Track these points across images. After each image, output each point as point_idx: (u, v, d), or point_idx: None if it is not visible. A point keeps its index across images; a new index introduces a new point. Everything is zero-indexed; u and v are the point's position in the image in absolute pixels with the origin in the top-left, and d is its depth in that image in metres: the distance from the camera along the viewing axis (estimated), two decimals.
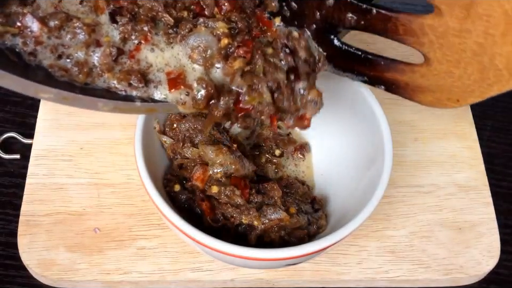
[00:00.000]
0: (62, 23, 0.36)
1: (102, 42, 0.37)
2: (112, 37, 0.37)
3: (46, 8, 0.37)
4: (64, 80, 0.35)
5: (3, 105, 0.57)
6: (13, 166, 0.53)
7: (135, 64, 0.37)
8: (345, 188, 0.48)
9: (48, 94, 0.33)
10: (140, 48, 0.38)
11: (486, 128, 0.60)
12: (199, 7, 0.40)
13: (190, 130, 0.45)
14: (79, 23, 0.36)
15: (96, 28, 0.37)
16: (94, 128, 0.54)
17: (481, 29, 0.32)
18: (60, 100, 0.33)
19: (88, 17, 0.37)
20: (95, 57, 0.36)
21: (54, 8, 0.37)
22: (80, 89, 0.35)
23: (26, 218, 0.48)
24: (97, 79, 0.36)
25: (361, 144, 0.48)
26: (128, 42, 0.38)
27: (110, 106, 0.35)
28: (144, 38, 0.37)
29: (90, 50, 0.36)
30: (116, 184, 0.51)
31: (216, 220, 0.43)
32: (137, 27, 0.38)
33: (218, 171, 0.43)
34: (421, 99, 0.39)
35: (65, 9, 0.37)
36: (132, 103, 0.37)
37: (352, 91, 0.46)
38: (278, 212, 0.42)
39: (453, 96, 0.37)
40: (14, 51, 0.34)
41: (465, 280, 0.49)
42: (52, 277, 0.45)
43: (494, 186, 0.54)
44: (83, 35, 0.36)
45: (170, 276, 0.46)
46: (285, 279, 0.47)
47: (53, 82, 0.34)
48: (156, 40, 0.38)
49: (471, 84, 0.34)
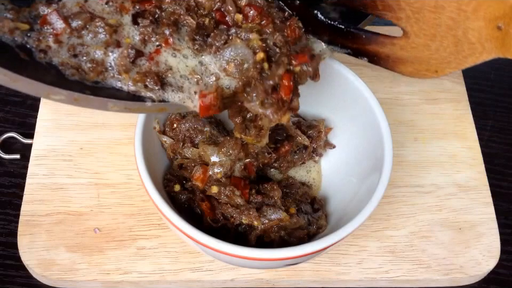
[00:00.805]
0: (85, 23, 0.37)
1: (122, 43, 0.37)
2: (132, 38, 0.37)
3: (71, 7, 0.37)
4: (74, 79, 0.35)
5: (3, 105, 0.57)
6: (13, 166, 0.53)
7: (154, 66, 0.37)
8: (345, 188, 0.48)
9: (59, 95, 0.33)
10: (160, 51, 0.37)
11: (486, 128, 0.60)
12: (219, 13, 0.40)
13: (190, 130, 0.45)
14: (102, 23, 0.36)
15: (118, 29, 0.37)
16: (94, 128, 0.54)
17: (454, 5, 0.34)
18: (70, 101, 0.34)
19: (113, 18, 0.38)
20: (112, 57, 0.36)
21: (80, 8, 0.37)
22: (91, 89, 0.35)
23: (26, 218, 0.48)
24: (109, 78, 0.36)
25: (361, 144, 0.48)
26: (148, 44, 0.38)
27: (120, 106, 0.35)
28: (165, 41, 0.37)
29: (109, 50, 0.36)
30: (115, 184, 0.51)
31: (216, 220, 0.43)
32: (158, 30, 0.38)
33: (218, 171, 0.43)
34: (401, 70, 0.41)
35: (91, 9, 0.37)
36: (142, 103, 0.37)
37: (353, 91, 0.46)
38: (277, 212, 0.42)
39: (431, 67, 0.38)
40: (24, 48, 0.34)
41: (465, 280, 0.49)
42: (51, 277, 0.45)
43: (494, 186, 0.54)
44: (104, 35, 0.36)
45: (170, 276, 0.46)
46: (285, 279, 0.47)
47: (62, 81, 0.34)
48: (178, 45, 0.38)
49: (447, 56, 0.36)
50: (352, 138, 0.49)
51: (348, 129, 0.49)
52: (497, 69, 0.66)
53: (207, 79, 0.38)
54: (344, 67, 0.46)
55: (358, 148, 0.48)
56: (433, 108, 0.58)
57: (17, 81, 0.31)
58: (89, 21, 0.37)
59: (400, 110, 0.57)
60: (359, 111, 0.47)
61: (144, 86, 0.36)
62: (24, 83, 0.31)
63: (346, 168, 0.49)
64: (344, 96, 0.47)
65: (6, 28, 0.34)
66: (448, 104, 0.58)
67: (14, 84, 0.31)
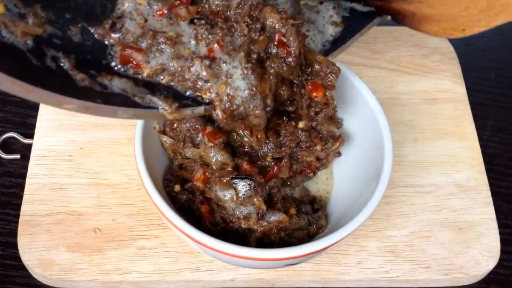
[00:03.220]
0: (152, 41, 0.38)
1: (184, 54, 0.38)
2: (188, 44, 0.39)
3: (134, 31, 0.39)
4: (84, 85, 0.35)
5: (3, 105, 0.57)
6: (13, 166, 0.53)
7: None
8: (345, 188, 0.48)
9: (72, 105, 0.33)
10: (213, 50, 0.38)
11: (486, 128, 0.60)
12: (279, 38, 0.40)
13: (190, 130, 0.45)
14: (163, 39, 0.38)
15: (177, 40, 0.39)
16: (94, 128, 0.54)
17: None
18: (82, 110, 0.34)
19: (171, 30, 0.39)
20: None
21: (141, 29, 0.39)
22: (100, 96, 0.35)
23: (26, 218, 0.48)
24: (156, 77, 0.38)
25: (361, 144, 0.48)
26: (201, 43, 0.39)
27: (128, 113, 0.36)
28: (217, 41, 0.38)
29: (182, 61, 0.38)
30: (115, 184, 0.51)
31: (215, 223, 0.43)
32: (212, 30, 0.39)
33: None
34: (427, 28, 0.39)
35: (152, 27, 0.39)
36: (150, 110, 0.37)
37: (353, 91, 0.46)
38: (277, 214, 0.42)
39: (458, 26, 0.37)
40: (35, 52, 0.34)
41: (465, 280, 0.49)
42: (51, 277, 0.45)
43: (494, 186, 0.54)
44: (169, 49, 0.38)
45: (170, 276, 0.46)
46: (285, 279, 0.47)
47: (72, 86, 0.35)
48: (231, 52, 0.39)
49: (477, 13, 0.34)
50: (351, 139, 0.49)
51: (347, 129, 0.49)
52: (497, 68, 0.66)
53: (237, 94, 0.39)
54: (344, 67, 0.46)
55: (357, 148, 0.48)
56: (433, 107, 0.58)
57: (32, 92, 0.31)
58: (154, 38, 0.38)
59: (399, 110, 0.57)
60: (359, 111, 0.47)
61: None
62: (38, 94, 0.31)
63: (346, 168, 0.49)
64: (344, 96, 0.47)
65: (19, 31, 0.34)
66: (448, 104, 0.58)
67: (28, 95, 0.31)
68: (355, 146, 0.49)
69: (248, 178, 0.41)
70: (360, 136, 0.48)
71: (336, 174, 0.50)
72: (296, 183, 0.48)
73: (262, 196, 0.41)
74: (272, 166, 0.43)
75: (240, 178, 0.41)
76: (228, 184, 0.41)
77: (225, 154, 0.43)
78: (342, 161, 0.50)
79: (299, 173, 0.46)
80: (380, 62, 0.61)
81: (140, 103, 0.37)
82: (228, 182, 0.41)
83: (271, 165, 0.44)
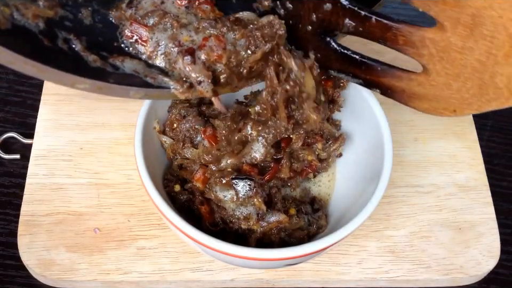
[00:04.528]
0: (160, 20, 0.39)
1: (182, 42, 0.39)
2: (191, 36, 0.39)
3: (146, 7, 0.40)
4: (96, 66, 0.36)
5: (3, 105, 0.57)
6: (13, 166, 0.53)
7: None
8: (345, 188, 0.48)
9: (84, 84, 0.34)
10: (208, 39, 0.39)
11: (486, 128, 0.60)
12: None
13: (190, 131, 0.45)
14: (171, 20, 0.39)
15: (183, 24, 0.39)
16: (94, 128, 0.54)
17: (484, 48, 0.32)
18: (94, 90, 0.34)
19: (186, 18, 0.40)
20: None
21: (154, 7, 0.39)
22: (112, 76, 0.36)
23: (26, 218, 0.48)
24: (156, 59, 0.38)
25: (361, 144, 0.48)
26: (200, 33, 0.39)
27: (140, 93, 0.37)
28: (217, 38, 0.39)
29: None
30: (115, 184, 0.50)
31: (215, 224, 0.43)
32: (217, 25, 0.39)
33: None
34: (416, 105, 0.39)
35: (167, 10, 0.40)
36: (161, 90, 0.37)
37: (352, 91, 0.46)
38: (276, 214, 0.42)
39: (450, 106, 0.36)
40: (47, 34, 0.35)
41: (465, 280, 0.49)
42: (51, 277, 0.45)
43: (494, 186, 0.54)
44: (170, 30, 0.39)
45: (170, 276, 0.46)
46: (285, 279, 0.47)
47: (84, 67, 0.35)
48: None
49: (469, 97, 0.34)
50: (351, 139, 0.49)
51: (347, 129, 0.49)
52: None
53: None
54: None
55: (357, 148, 0.48)
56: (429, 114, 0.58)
57: (45, 72, 0.32)
58: (163, 17, 0.39)
59: (400, 110, 0.57)
60: (359, 111, 0.47)
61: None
62: (51, 74, 0.32)
63: (346, 168, 0.49)
64: (343, 96, 0.47)
65: (30, 13, 0.34)
66: None
67: (41, 74, 0.32)
68: (355, 146, 0.49)
69: (248, 179, 0.41)
70: (360, 136, 0.48)
71: (336, 173, 0.50)
72: (296, 184, 0.48)
73: (262, 196, 0.41)
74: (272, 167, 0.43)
75: (240, 179, 0.41)
76: (228, 184, 0.41)
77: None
78: (342, 161, 0.50)
79: (299, 173, 0.46)
80: None
81: (152, 83, 0.37)
82: (228, 182, 0.41)
83: (271, 165, 0.44)
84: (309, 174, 0.47)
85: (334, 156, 0.48)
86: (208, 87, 0.38)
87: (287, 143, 0.43)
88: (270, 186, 0.44)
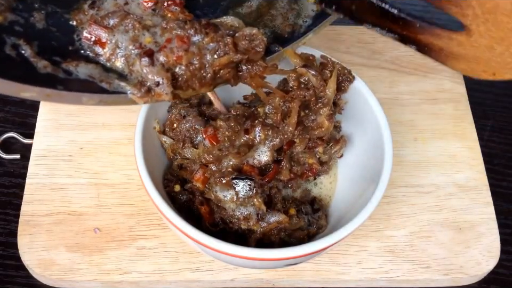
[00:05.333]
0: (121, 20, 0.37)
1: (143, 43, 0.37)
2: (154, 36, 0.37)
3: (108, 8, 0.38)
4: (45, 72, 0.34)
5: (3, 105, 0.57)
6: (13, 166, 0.53)
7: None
8: (345, 188, 0.48)
9: (30, 92, 0.32)
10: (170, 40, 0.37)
11: (486, 128, 0.60)
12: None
13: (190, 131, 0.45)
14: (133, 21, 0.37)
15: (146, 26, 0.37)
16: (94, 128, 0.54)
17: None
18: (43, 98, 0.33)
19: (151, 20, 0.38)
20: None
21: (116, 8, 0.38)
22: (63, 83, 0.34)
23: (26, 218, 0.48)
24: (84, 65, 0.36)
25: (361, 144, 0.48)
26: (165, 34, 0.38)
27: (95, 99, 0.35)
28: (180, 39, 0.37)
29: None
30: (116, 184, 0.50)
31: (215, 224, 0.43)
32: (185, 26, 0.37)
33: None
34: (454, 65, 0.37)
35: (130, 11, 0.38)
36: (118, 95, 0.36)
37: (352, 91, 0.46)
38: (276, 215, 0.42)
39: (489, 69, 0.35)
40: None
41: (465, 280, 0.49)
42: (51, 277, 0.45)
43: (494, 186, 0.54)
44: (132, 32, 0.37)
45: (170, 276, 0.46)
46: (285, 279, 0.47)
47: (34, 74, 0.33)
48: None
49: (511, 61, 0.33)
50: (351, 139, 0.49)
51: (347, 129, 0.49)
52: None
53: None
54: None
55: (357, 149, 0.48)
56: (433, 108, 0.58)
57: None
58: (124, 19, 0.37)
59: (400, 110, 0.57)
60: (359, 111, 0.47)
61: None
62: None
63: (345, 168, 0.49)
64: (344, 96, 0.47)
65: None
66: (448, 104, 0.58)
67: None
68: (355, 147, 0.49)
69: (248, 179, 0.41)
70: (360, 136, 0.48)
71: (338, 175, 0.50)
72: (297, 186, 0.48)
73: (262, 197, 0.41)
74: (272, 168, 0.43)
75: (240, 179, 0.41)
76: (228, 184, 0.41)
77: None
78: (342, 162, 0.50)
79: (300, 176, 0.45)
80: (380, 62, 0.61)
81: (107, 88, 0.35)
82: (228, 182, 0.41)
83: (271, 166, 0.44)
84: (309, 178, 0.47)
85: (335, 158, 0.48)
86: (167, 89, 0.36)
87: (289, 145, 0.43)
88: (270, 186, 0.44)
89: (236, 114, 0.43)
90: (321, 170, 0.47)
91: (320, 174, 0.49)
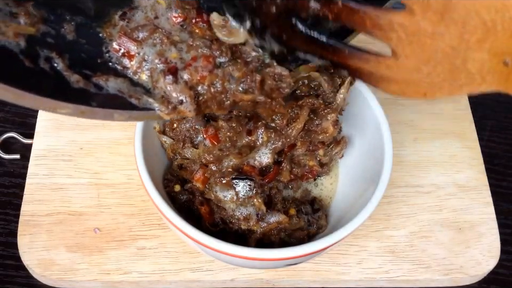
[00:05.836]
0: (150, 34, 0.37)
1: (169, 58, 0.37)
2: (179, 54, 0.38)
3: (138, 21, 0.38)
4: (78, 87, 0.34)
5: (3, 105, 0.57)
6: (13, 166, 0.53)
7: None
8: (344, 188, 0.48)
9: (66, 109, 0.32)
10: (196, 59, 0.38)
11: (486, 128, 0.60)
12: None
13: (190, 131, 0.45)
14: (161, 35, 0.37)
15: (175, 42, 0.38)
16: (94, 128, 0.54)
17: (456, 34, 0.31)
18: (77, 114, 0.33)
19: (179, 36, 0.38)
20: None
21: (147, 21, 0.38)
22: (95, 98, 0.34)
23: (26, 218, 0.48)
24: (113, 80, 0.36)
25: (361, 144, 0.48)
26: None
27: (125, 116, 0.35)
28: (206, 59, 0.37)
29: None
30: (116, 184, 0.51)
31: (215, 224, 0.43)
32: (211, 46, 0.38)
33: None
34: (385, 88, 0.37)
35: (159, 26, 0.38)
36: (146, 111, 0.36)
37: (353, 92, 0.46)
38: (276, 215, 0.42)
39: (420, 89, 0.35)
40: (29, 54, 0.33)
41: (465, 280, 0.49)
42: (51, 277, 0.45)
43: (494, 186, 0.54)
44: (160, 46, 0.37)
45: (171, 276, 0.46)
46: (285, 279, 0.47)
47: (67, 88, 0.34)
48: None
49: (440, 81, 0.34)
50: (351, 139, 0.49)
51: (347, 129, 0.49)
52: None
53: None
54: None
55: (357, 149, 0.48)
56: (433, 107, 0.58)
57: (24, 98, 0.30)
58: (154, 33, 0.37)
59: (400, 110, 0.57)
60: (359, 111, 0.47)
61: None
62: (30, 100, 0.30)
63: (345, 168, 0.49)
64: None
65: (11, 31, 0.32)
66: (448, 104, 0.58)
67: (20, 101, 0.30)
68: (355, 147, 0.49)
69: (249, 179, 0.41)
70: (360, 136, 0.48)
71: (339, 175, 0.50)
72: (297, 186, 0.48)
73: (262, 197, 0.41)
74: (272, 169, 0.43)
75: (240, 179, 0.41)
76: (228, 184, 0.41)
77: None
78: (342, 162, 0.50)
79: (300, 177, 0.45)
80: None
81: (137, 104, 0.36)
82: (228, 182, 0.41)
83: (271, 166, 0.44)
84: (309, 179, 0.47)
85: (335, 159, 0.48)
86: (190, 106, 0.37)
87: (291, 148, 0.43)
88: (270, 187, 0.44)
89: (238, 114, 0.43)
90: (322, 171, 0.47)
91: (321, 175, 0.49)
